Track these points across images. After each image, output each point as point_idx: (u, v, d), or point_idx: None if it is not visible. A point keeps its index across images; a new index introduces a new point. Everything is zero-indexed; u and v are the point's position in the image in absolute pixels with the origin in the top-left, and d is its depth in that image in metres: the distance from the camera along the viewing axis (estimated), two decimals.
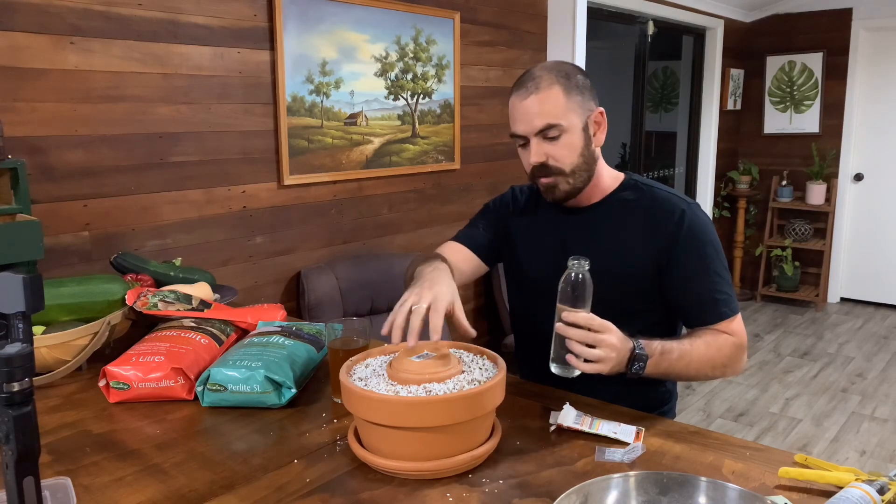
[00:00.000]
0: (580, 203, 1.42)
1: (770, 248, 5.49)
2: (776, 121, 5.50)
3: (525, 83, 1.33)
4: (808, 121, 5.35)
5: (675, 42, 5.28)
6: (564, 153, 1.32)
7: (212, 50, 2.22)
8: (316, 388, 1.34)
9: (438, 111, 3.07)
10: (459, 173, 3.24)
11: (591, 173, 1.38)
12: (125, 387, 1.26)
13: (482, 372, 1.07)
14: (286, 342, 1.35)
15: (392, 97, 2.86)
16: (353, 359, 1.14)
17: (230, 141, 2.32)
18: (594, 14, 3.76)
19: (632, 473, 0.89)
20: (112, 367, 1.26)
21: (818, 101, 5.28)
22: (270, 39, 2.38)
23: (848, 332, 4.81)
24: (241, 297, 2.07)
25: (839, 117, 5.22)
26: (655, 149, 5.43)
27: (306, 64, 2.51)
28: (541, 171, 1.35)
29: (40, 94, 1.87)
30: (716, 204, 5.43)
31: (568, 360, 1.13)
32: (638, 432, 1.12)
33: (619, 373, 1.18)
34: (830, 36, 5.16)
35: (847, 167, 5.26)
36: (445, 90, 3.09)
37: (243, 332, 1.53)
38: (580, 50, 3.55)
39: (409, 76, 2.92)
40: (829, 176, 5.27)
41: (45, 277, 1.19)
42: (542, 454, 1.08)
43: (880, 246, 5.28)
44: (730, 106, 5.38)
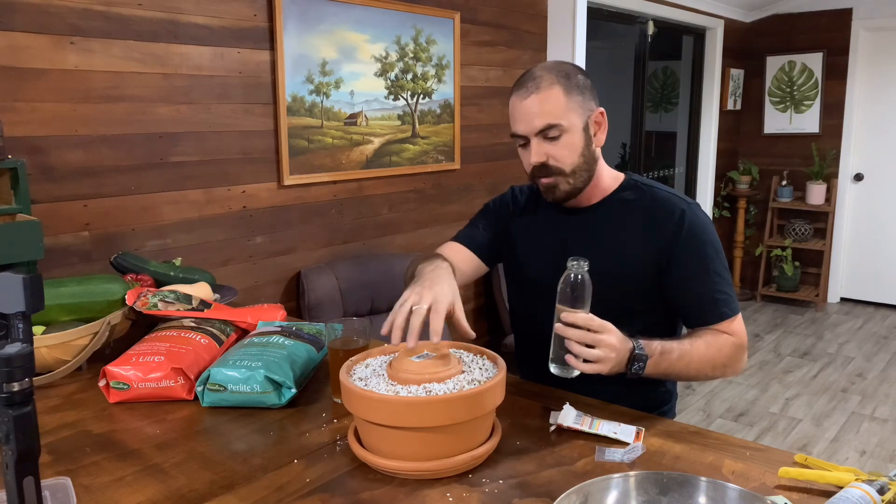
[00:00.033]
0: (580, 203, 1.42)
1: (770, 248, 5.49)
2: (776, 121, 5.50)
3: (525, 83, 1.33)
4: (808, 121, 5.35)
5: (675, 42, 5.28)
6: (565, 153, 1.32)
7: (212, 50, 2.22)
8: (316, 388, 1.34)
9: (438, 111, 3.07)
10: (459, 173, 3.24)
11: (591, 173, 1.38)
12: (125, 387, 1.26)
13: (482, 372, 1.07)
14: (286, 342, 1.35)
15: (392, 97, 2.86)
16: (353, 359, 1.14)
17: (230, 141, 2.32)
18: (594, 14, 3.76)
19: (632, 473, 0.89)
20: (112, 367, 1.27)
21: (818, 101, 5.28)
22: (270, 39, 2.38)
23: (848, 332, 4.81)
24: (241, 297, 2.07)
25: (839, 117, 5.22)
26: (655, 149, 5.43)
27: (306, 64, 2.51)
28: (541, 171, 1.34)
29: (40, 94, 1.87)
30: (716, 204, 5.43)
31: (567, 360, 1.13)
32: (638, 432, 1.12)
33: (618, 373, 1.18)
34: (830, 36, 5.16)
35: (847, 167, 5.27)
36: (445, 90, 3.09)
37: (243, 332, 1.53)
38: (580, 50, 3.55)
39: (409, 76, 2.92)
40: (829, 176, 5.27)
41: (45, 277, 1.19)
42: (542, 454, 1.08)
43: (880, 246, 5.28)
44: (730, 106, 5.38)
